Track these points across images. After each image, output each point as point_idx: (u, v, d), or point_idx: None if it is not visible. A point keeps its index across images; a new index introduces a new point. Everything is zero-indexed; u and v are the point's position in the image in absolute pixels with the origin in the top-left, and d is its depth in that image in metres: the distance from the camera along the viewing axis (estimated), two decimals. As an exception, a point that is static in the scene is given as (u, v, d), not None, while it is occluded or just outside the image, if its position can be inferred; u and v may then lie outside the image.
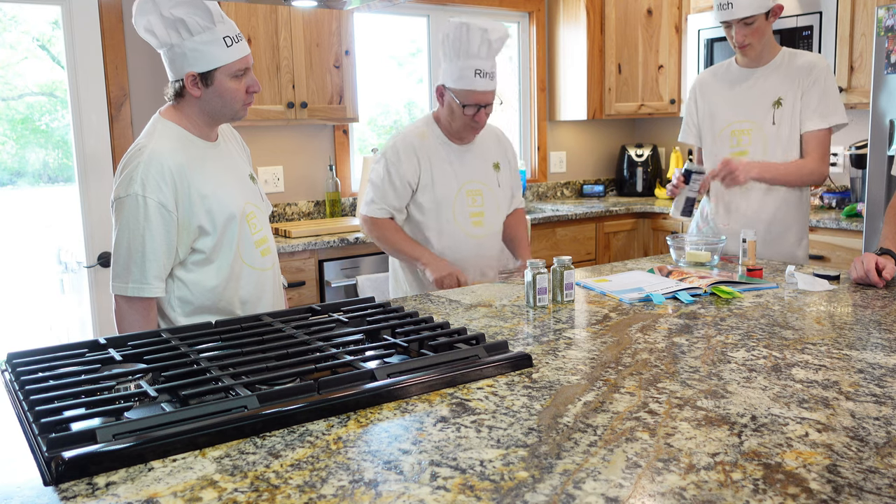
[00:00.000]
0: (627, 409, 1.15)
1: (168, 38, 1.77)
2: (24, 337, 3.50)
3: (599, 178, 5.04)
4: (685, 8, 4.35)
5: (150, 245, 1.73)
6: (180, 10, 1.73)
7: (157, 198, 1.73)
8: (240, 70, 1.83)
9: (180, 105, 1.86)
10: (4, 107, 3.30)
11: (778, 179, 2.49)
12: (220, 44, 1.78)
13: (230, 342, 1.44)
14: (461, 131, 2.41)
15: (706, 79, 2.68)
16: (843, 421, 1.08)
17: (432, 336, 1.46)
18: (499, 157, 2.56)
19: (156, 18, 1.75)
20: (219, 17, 1.79)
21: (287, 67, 3.40)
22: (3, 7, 3.18)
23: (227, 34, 1.79)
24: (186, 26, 1.75)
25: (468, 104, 2.32)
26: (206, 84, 1.81)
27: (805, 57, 2.50)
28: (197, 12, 1.74)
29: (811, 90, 2.47)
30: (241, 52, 1.82)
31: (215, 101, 1.83)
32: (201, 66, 1.78)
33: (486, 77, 2.31)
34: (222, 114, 1.87)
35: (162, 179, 1.74)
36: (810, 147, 2.50)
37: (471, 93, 2.30)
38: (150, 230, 1.73)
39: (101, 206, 3.35)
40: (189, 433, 1.02)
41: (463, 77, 2.30)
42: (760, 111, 2.52)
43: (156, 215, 1.73)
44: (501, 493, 0.88)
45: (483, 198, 2.48)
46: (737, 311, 1.77)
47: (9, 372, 1.33)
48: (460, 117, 2.35)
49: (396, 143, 2.42)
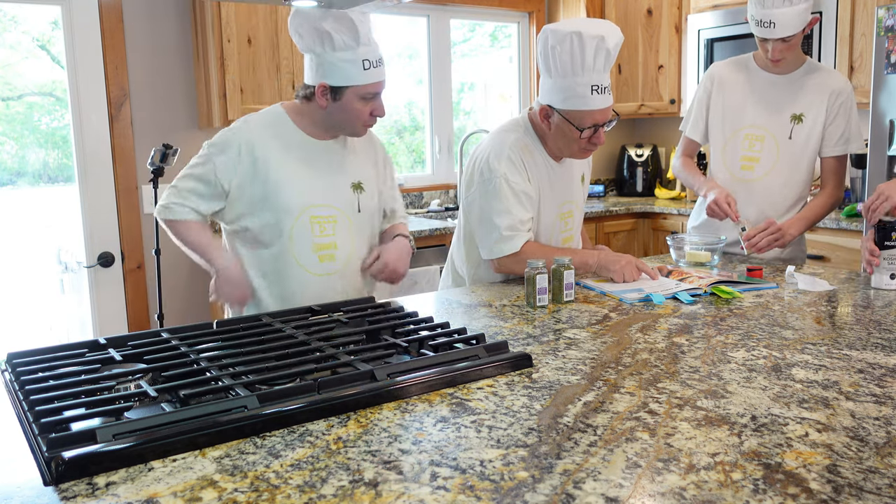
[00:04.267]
0: (627, 409, 1.15)
1: (312, 45, 1.85)
2: (24, 337, 3.50)
3: (599, 178, 5.04)
4: (685, 8, 4.35)
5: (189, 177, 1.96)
6: (330, 24, 1.80)
7: (219, 154, 1.90)
8: (369, 93, 1.87)
9: (304, 105, 1.95)
10: (4, 107, 3.30)
11: (811, 226, 2.49)
12: (357, 65, 1.83)
13: (230, 342, 1.44)
14: (574, 155, 2.12)
15: (724, 74, 2.57)
16: (843, 421, 1.08)
17: (432, 336, 1.46)
18: (584, 168, 2.33)
19: (307, 25, 1.83)
20: (365, 39, 1.83)
21: (287, 67, 3.40)
22: (3, 7, 3.18)
23: (367, 57, 1.84)
24: (332, 40, 1.81)
25: (585, 126, 2.01)
26: (334, 98, 1.88)
27: (832, 78, 2.44)
28: (344, 30, 1.81)
29: (837, 118, 2.43)
30: (375, 77, 1.87)
31: (338, 115, 1.90)
32: (335, 81, 1.85)
33: (605, 93, 1.99)
34: (340, 128, 1.95)
35: (228, 144, 1.90)
36: (831, 172, 2.49)
37: (589, 114, 1.99)
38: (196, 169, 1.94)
39: (101, 206, 3.35)
40: (189, 433, 1.02)
41: (578, 96, 1.98)
42: (779, 121, 2.47)
43: (210, 161, 1.91)
44: (501, 493, 0.88)
45: (573, 219, 2.27)
46: (737, 311, 1.77)
47: (9, 372, 1.33)
48: (576, 141, 2.04)
49: (509, 154, 2.07)
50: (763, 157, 2.49)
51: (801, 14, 2.27)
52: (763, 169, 2.49)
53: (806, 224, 2.44)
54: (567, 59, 1.96)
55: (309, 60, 1.89)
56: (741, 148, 2.52)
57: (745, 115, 2.52)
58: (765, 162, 2.49)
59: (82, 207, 3.32)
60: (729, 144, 2.55)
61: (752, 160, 2.51)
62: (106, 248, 3.38)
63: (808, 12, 2.29)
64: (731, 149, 2.54)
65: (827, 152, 2.47)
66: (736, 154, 2.53)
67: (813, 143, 2.46)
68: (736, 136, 2.53)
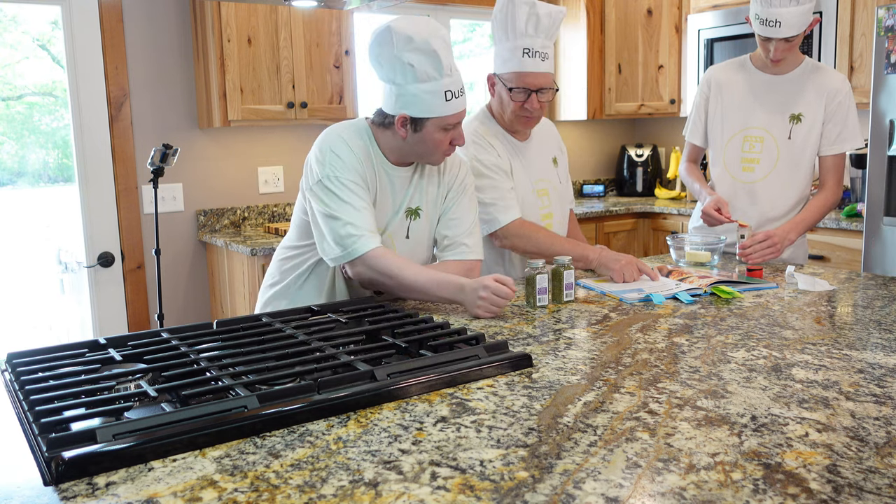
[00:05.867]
0: (627, 409, 1.15)
1: (393, 76, 1.78)
2: (24, 337, 3.50)
3: (599, 178, 5.04)
4: (685, 8, 4.35)
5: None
6: (414, 56, 1.73)
7: (349, 170, 1.83)
8: (450, 124, 1.82)
9: (382, 131, 1.87)
10: (4, 107, 3.30)
11: (810, 228, 2.49)
12: (440, 97, 1.77)
13: (230, 342, 1.44)
14: (515, 123, 2.19)
15: (721, 77, 2.57)
16: (843, 421, 1.08)
17: (432, 336, 1.46)
18: (555, 152, 2.38)
19: (389, 55, 1.75)
20: (448, 69, 1.77)
21: (287, 67, 3.40)
22: (3, 7, 3.18)
23: (450, 88, 1.78)
24: (415, 73, 1.75)
25: (516, 87, 2.10)
26: (415, 129, 1.81)
27: (830, 76, 2.44)
28: (429, 62, 1.74)
29: (835, 117, 2.42)
30: (458, 107, 1.81)
31: (418, 146, 1.84)
32: (417, 112, 1.79)
33: (536, 57, 2.07)
34: (419, 157, 1.89)
35: (350, 163, 1.84)
36: (829, 171, 2.48)
37: (518, 75, 2.09)
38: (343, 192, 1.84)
39: (101, 206, 3.35)
40: (189, 433, 1.02)
41: (510, 59, 2.09)
42: (778, 122, 2.47)
43: (349, 171, 1.84)
44: (501, 493, 0.88)
45: (549, 197, 2.30)
46: (737, 311, 1.77)
47: (9, 372, 1.33)
48: (509, 104, 2.14)
49: (472, 139, 2.15)
50: (763, 158, 2.49)
51: (806, 14, 2.27)
52: (764, 170, 2.49)
53: (804, 227, 2.43)
54: (501, 24, 2.10)
55: (388, 90, 1.82)
56: (741, 150, 2.51)
57: (744, 117, 2.51)
58: (765, 163, 2.49)
59: (82, 207, 3.32)
60: (729, 147, 2.55)
61: (753, 161, 2.51)
62: (106, 248, 3.38)
63: (811, 12, 2.29)
64: (731, 151, 2.54)
65: (825, 151, 2.47)
66: (736, 156, 2.53)
67: (812, 143, 2.46)
68: (735, 138, 2.53)
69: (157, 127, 3.44)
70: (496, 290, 1.70)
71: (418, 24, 1.75)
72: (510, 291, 1.71)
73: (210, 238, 3.49)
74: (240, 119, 3.32)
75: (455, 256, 1.96)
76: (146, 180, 3.40)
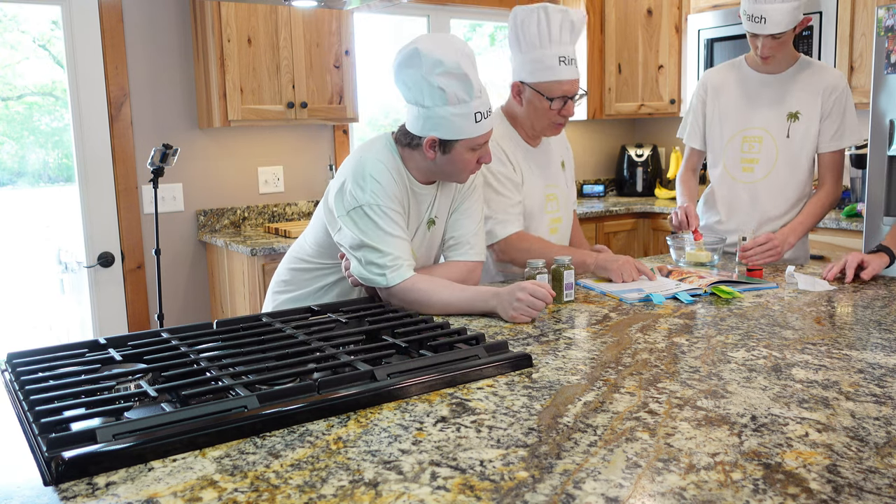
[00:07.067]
0: (627, 409, 1.15)
1: (422, 99, 1.75)
2: (24, 337, 3.50)
3: (599, 178, 5.04)
4: (685, 8, 4.35)
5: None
6: (444, 79, 1.71)
7: (387, 196, 1.81)
8: (479, 144, 1.81)
9: (409, 151, 1.85)
10: (4, 107, 3.30)
11: (810, 229, 2.49)
12: (470, 118, 1.75)
13: (230, 342, 1.44)
14: (546, 130, 2.18)
15: (717, 80, 2.58)
16: (843, 421, 1.08)
17: (432, 336, 1.46)
18: (563, 155, 2.38)
19: (417, 77, 1.72)
20: (477, 91, 1.75)
21: (287, 67, 3.40)
22: (3, 7, 3.18)
23: (479, 110, 1.76)
24: (445, 96, 1.72)
25: (555, 97, 2.08)
26: (443, 150, 1.79)
27: (826, 73, 2.44)
28: (460, 86, 1.72)
29: (832, 114, 2.42)
30: (487, 127, 1.80)
31: (447, 166, 1.82)
32: (446, 135, 1.76)
33: (572, 64, 2.08)
34: (446, 176, 1.87)
35: (388, 188, 1.81)
36: (827, 169, 2.48)
37: (557, 84, 2.06)
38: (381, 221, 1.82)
39: (101, 206, 3.35)
40: (189, 433, 1.02)
41: (547, 67, 2.06)
42: (775, 121, 2.47)
43: (387, 198, 1.82)
44: (501, 493, 0.88)
45: (558, 202, 2.30)
46: (737, 311, 1.77)
47: (9, 372, 1.33)
48: (545, 114, 2.11)
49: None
50: (762, 158, 2.48)
51: (793, 12, 2.27)
52: (763, 170, 2.49)
53: (805, 228, 2.43)
54: (535, 32, 2.05)
55: (416, 112, 1.79)
56: (740, 150, 2.51)
57: (742, 118, 2.51)
58: (764, 162, 2.48)
59: (82, 207, 3.32)
60: (728, 148, 2.55)
61: (752, 161, 2.50)
62: (106, 248, 3.38)
63: (800, 11, 2.29)
64: (730, 152, 2.54)
65: (823, 148, 2.47)
66: (736, 157, 2.52)
67: (811, 140, 2.45)
68: (734, 139, 2.53)
69: (157, 127, 3.45)
70: (533, 292, 1.69)
71: (445, 45, 1.72)
72: (548, 294, 1.70)
73: (210, 238, 3.49)
74: (240, 119, 3.32)
75: (458, 257, 1.97)
76: (146, 180, 3.40)
